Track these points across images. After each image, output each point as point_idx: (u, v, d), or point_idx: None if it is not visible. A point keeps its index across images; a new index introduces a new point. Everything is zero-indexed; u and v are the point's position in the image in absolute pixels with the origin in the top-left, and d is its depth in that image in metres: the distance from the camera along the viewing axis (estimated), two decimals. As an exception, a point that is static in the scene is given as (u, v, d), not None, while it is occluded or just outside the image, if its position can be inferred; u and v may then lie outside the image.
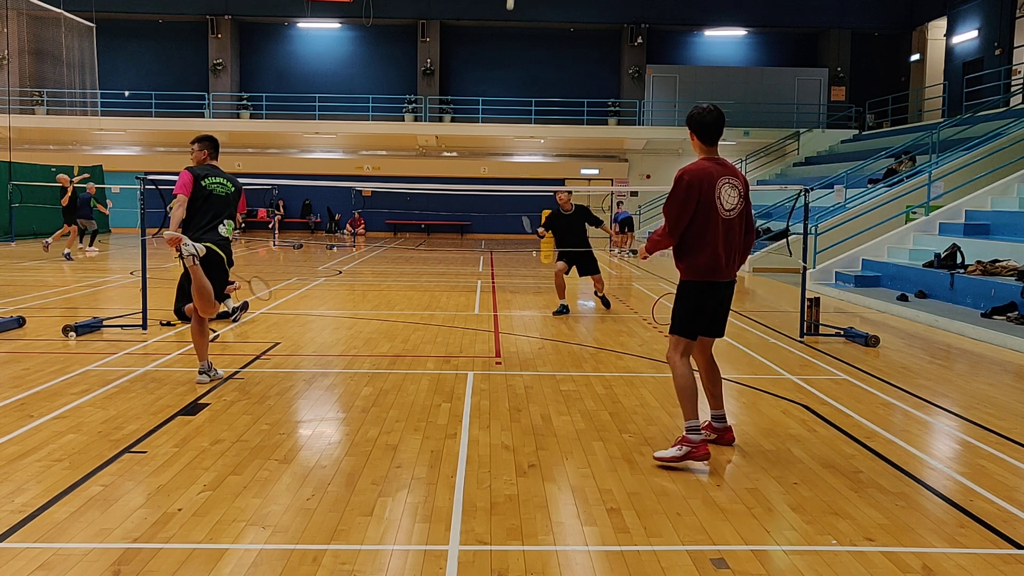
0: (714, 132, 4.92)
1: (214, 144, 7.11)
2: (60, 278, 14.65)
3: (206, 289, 6.51)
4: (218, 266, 6.68)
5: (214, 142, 7.12)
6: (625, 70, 32.78)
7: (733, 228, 4.92)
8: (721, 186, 4.83)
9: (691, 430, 4.82)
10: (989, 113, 20.46)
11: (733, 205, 4.89)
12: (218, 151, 7.14)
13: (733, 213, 4.89)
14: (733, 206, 4.89)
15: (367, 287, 14.35)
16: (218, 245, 6.69)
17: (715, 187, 4.81)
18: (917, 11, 31.72)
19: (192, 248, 6.38)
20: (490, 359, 8.10)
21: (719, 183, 4.83)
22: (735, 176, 4.94)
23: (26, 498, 4.24)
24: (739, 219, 4.94)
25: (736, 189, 4.90)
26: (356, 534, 3.89)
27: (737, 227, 4.94)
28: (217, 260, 6.67)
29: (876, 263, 14.69)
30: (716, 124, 4.91)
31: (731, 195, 4.87)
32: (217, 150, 7.12)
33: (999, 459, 5.18)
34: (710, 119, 4.90)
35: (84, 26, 24.67)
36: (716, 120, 4.91)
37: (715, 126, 4.91)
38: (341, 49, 33.75)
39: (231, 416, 5.84)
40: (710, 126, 4.91)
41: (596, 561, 3.67)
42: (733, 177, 4.92)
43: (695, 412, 4.87)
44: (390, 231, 32.53)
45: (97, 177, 29.17)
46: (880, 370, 7.86)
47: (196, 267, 6.44)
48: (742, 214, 4.96)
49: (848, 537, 3.95)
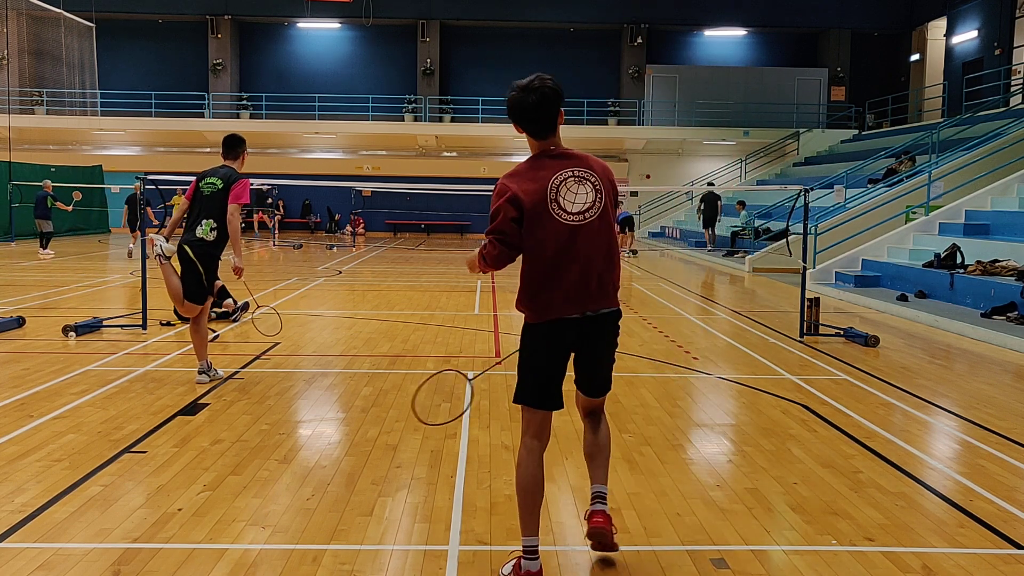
0: (541, 117, 3.46)
1: (225, 143, 6.99)
2: (60, 278, 14.64)
3: (171, 288, 6.70)
4: (189, 266, 6.65)
5: (226, 140, 7.01)
6: (625, 70, 32.77)
7: (591, 237, 3.45)
8: (558, 185, 3.43)
9: (527, 553, 3.41)
10: (989, 113, 20.46)
11: (584, 204, 3.44)
12: (228, 149, 6.95)
13: (588, 216, 3.44)
14: (585, 206, 3.44)
15: (367, 287, 14.35)
16: (192, 245, 6.65)
17: (547, 188, 3.42)
18: (917, 11, 31.72)
19: (159, 248, 6.61)
20: (490, 359, 8.10)
21: (553, 181, 3.43)
22: (587, 167, 3.50)
23: (26, 498, 4.24)
24: (600, 223, 3.47)
25: (586, 183, 3.46)
26: (356, 534, 3.89)
27: (598, 235, 3.46)
28: (186, 259, 6.66)
29: (876, 263, 14.69)
30: (541, 107, 3.44)
31: (578, 192, 3.44)
32: (229, 148, 6.95)
33: (999, 459, 5.18)
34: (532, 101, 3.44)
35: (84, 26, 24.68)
36: (541, 102, 3.44)
37: (541, 109, 3.45)
38: (341, 49, 33.75)
39: (231, 416, 5.84)
40: (528, 109, 3.46)
41: (596, 561, 3.67)
42: (583, 169, 3.49)
43: (533, 527, 3.43)
44: (390, 231, 32.52)
45: (97, 177, 29.21)
46: (880, 370, 7.86)
47: (163, 266, 6.66)
48: (604, 216, 3.49)
49: (848, 537, 3.95)
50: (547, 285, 3.45)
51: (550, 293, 3.45)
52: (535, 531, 3.42)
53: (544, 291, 3.46)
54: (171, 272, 6.65)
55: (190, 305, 6.71)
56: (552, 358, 3.55)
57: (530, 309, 3.54)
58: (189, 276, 6.66)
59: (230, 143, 6.98)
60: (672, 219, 30.77)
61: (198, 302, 6.74)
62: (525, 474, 3.47)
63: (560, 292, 3.44)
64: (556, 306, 3.46)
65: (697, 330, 10.15)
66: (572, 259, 3.42)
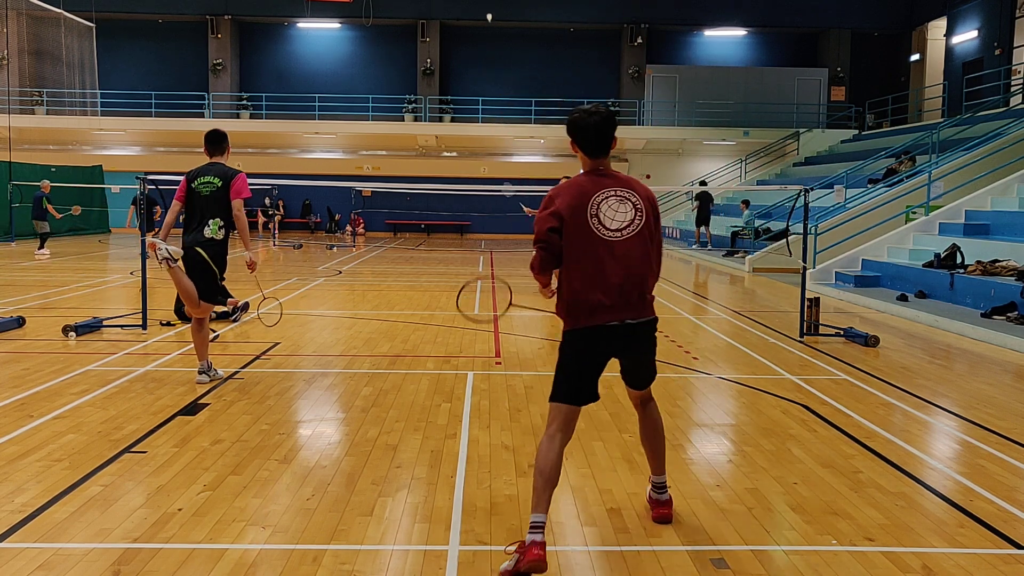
0: (595, 140, 3.82)
1: (208, 139, 6.84)
2: (60, 278, 14.64)
3: (186, 291, 6.60)
4: (203, 267, 6.64)
5: (208, 137, 6.86)
6: (625, 70, 32.77)
7: (629, 252, 3.75)
8: (599, 202, 3.74)
9: (533, 527, 3.53)
10: (989, 113, 20.45)
11: (623, 223, 3.74)
12: (215, 145, 6.79)
13: (627, 232, 3.74)
14: (625, 223, 3.75)
15: (367, 287, 14.35)
16: (203, 246, 6.63)
17: (588, 204, 3.73)
18: (917, 11, 31.72)
19: (165, 252, 6.44)
20: (490, 359, 8.10)
21: (595, 199, 3.74)
22: (626, 186, 3.83)
23: (26, 498, 4.24)
24: (639, 240, 3.77)
25: (627, 202, 3.78)
26: (356, 534, 3.89)
27: (636, 249, 3.77)
28: (200, 261, 6.63)
29: (876, 263, 14.69)
30: (599, 129, 3.82)
31: (619, 210, 3.75)
32: (214, 144, 6.79)
33: (999, 459, 5.18)
34: (593, 123, 3.81)
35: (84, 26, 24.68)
36: (601, 125, 3.81)
37: (597, 132, 3.82)
38: (341, 49, 33.75)
39: (231, 416, 5.84)
40: (590, 130, 3.83)
41: (596, 561, 3.67)
42: (624, 188, 3.81)
43: (542, 504, 3.60)
44: (390, 231, 32.52)
45: (97, 177, 29.21)
46: (880, 370, 7.86)
47: (172, 269, 6.53)
48: (643, 233, 3.79)
49: (848, 537, 3.95)
50: (585, 294, 3.73)
51: (588, 302, 3.73)
52: (544, 510, 3.60)
53: (582, 300, 3.73)
54: (182, 275, 6.55)
55: (205, 305, 6.71)
56: (586, 362, 3.80)
57: (568, 315, 3.80)
58: (204, 277, 6.63)
59: (216, 139, 6.84)
60: (672, 219, 30.76)
61: (214, 301, 6.76)
62: (545, 459, 3.66)
63: (597, 301, 3.72)
64: (594, 314, 3.73)
65: (697, 330, 10.15)
66: (610, 272, 3.72)
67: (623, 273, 3.73)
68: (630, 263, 3.75)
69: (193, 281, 6.59)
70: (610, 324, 3.74)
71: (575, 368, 3.78)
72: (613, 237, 3.73)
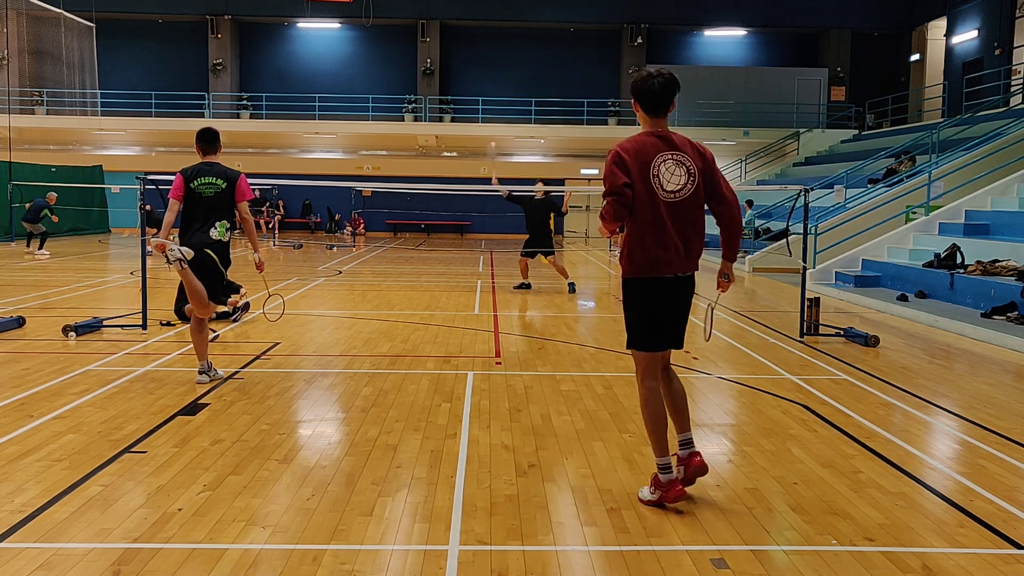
0: (661, 100, 4.16)
1: (203, 138, 6.78)
2: (60, 278, 14.64)
3: (197, 292, 6.53)
4: (211, 268, 6.63)
5: (203, 136, 6.79)
6: (625, 70, 32.76)
7: (682, 213, 4.13)
8: (659, 164, 4.09)
9: (662, 468, 4.17)
10: (989, 113, 20.45)
11: (678, 185, 4.10)
12: (211, 144, 6.75)
13: (681, 195, 4.11)
14: (679, 187, 4.10)
15: (367, 287, 14.35)
16: (211, 247, 6.63)
17: (650, 164, 4.08)
18: (917, 11, 31.72)
19: (178, 253, 6.36)
20: (490, 359, 8.10)
21: (656, 160, 4.09)
22: (685, 152, 4.15)
23: (26, 498, 4.24)
24: (691, 202, 4.14)
25: (683, 166, 4.12)
26: (356, 534, 3.89)
27: (689, 211, 4.14)
28: (209, 262, 6.62)
29: (876, 263, 14.69)
30: (663, 91, 4.14)
31: (675, 173, 4.10)
32: (209, 143, 6.75)
33: (999, 459, 5.18)
34: (656, 85, 4.13)
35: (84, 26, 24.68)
36: (664, 87, 4.14)
37: (662, 93, 4.14)
38: (341, 49, 33.75)
39: (231, 416, 5.84)
40: (657, 93, 4.15)
41: (596, 561, 3.67)
42: (681, 154, 4.14)
43: (664, 448, 4.19)
44: (390, 231, 32.52)
45: (97, 177, 29.21)
46: (880, 370, 7.86)
47: (184, 271, 6.44)
48: (696, 196, 4.15)
49: (848, 537, 3.95)
50: (647, 248, 4.12)
51: (649, 255, 4.12)
52: (667, 452, 4.20)
53: (645, 252, 4.13)
54: (193, 276, 6.48)
55: (212, 305, 6.71)
56: (652, 308, 4.22)
57: (634, 266, 4.19)
58: (211, 277, 6.62)
59: (211, 137, 6.79)
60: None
61: (219, 301, 6.79)
62: (655, 409, 4.20)
63: (657, 256, 4.12)
64: (655, 267, 4.14)
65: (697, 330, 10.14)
66: (669, 229, 4.11)
67: (678, 231, 4.12)
68: (684, 223, 4.13)
69: (202, 281, 6.57)
70: (667, 277, 4.16)
71: (645, 316, 4.22)
72: (669, 198, 4.10)
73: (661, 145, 4.14)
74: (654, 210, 4.08)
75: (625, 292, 4.30)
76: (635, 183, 4.06)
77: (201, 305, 6.61)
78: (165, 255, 6.38)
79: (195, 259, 6.53)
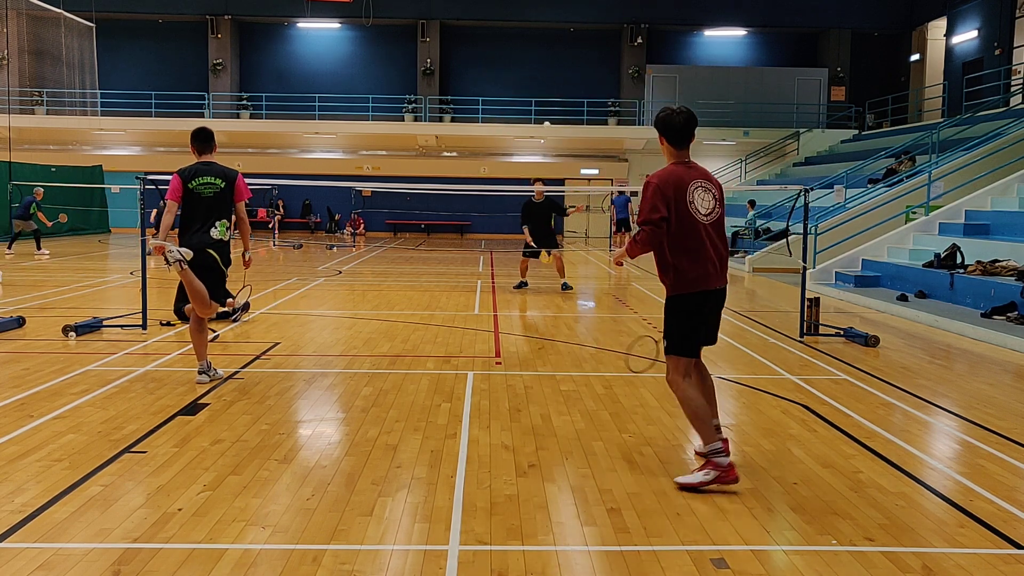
0: (684, 135, 4.69)
1: (198, 138, 6.76)
2: (60, 278, 14.64)
3: (198, 292, 6.52)
4: (212, 268, 6.63)
5: (199, 136, 6.77)
6: (625, 70, 32.77)
7: (714, 232, 4.69)
8: (693, 190, 4.62)
9: (715, 453, 4.53)
10: (989, 113, 20.45)
11: (709, 209, 4.66)
12: (206, 143, 6.74)
13: (711, 217, 4.67)
14: (709, 210, 4.66)
15: (367, 287, 14.35)
16: (212, 247, 6.63)
17: (686, 191, 4.59)
18: (917, 11, 31.72)
19: (177, 254, 6.33)
20: (490, 359, 8.10)
21: (690, 187, 4.62)
22: (708, 180, 4.74)
23: (26, 498, 4.24)
24: (718, 224, 4.72)
25: (710, 192, 4.70)
26: (356, 534, 3.89)
27: (716, 232, 4.70)
28: (211, 262, 6.62)
29: (876, 263, 14.69)
30: (687, 126, 4.69)
31: (705, 199, 4.66)
32: (205, 143, 6.73)
33: (999, 459, 5.18)
34: (680, 121, 4.67)
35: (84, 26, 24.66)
36: (687, 122, 4.68)
37: (686, 128, 4.69)
38: (341, 49, 33.75)
39: (231, 416, 5.84)
40: (680, 129, 4.68)
41: (596, 561, 3.67)
42: (706, 181, 4.72)
43: (713, 434, 4.58)
44: (390, 231, 32.52)
45: (97, 177, 29.21)
46: (880, 370, 7.86)
47: (184, 271, 6.42)
48: (721, 217, 4.74)
49: (848, 537, 3.95)
50: (694, 265, 4.60)
51: (696, 272, 4.61)
52: (715, 438, 4.58)
53: (692, 270, 4.60)
54: (194, 276, 6.47)
55: (214, 305, 6.70)
56: (696, 320, 4.69)
57: (682, 283, 4.64)
58: (212, 277, 6.62)
59: (207, 137, 6.77)
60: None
61: (221, 301, 6.77)
62: (697, 405, 4.65)
63: (704, 272, 4.62)
64: (701, 281, 4.62)
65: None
66: (709, 247, 4.64)
67: (714, 248, 4.65)
68: (716, 241, 4.68)
69: (202, 282, 6.56)
70: (711, 289, 4.66)
71: (689, 326, 4.68)
72: (704, 220, 4.64)
73: (691, 174, 4.69)
74: (695, 231, 4.59)
75: (674, 305, 4.70)
76: (675, 210, 4.55)
77: (203, 305, 6.61)
78: (164, 257, 6.38)
79: (196, 259, 6.52)
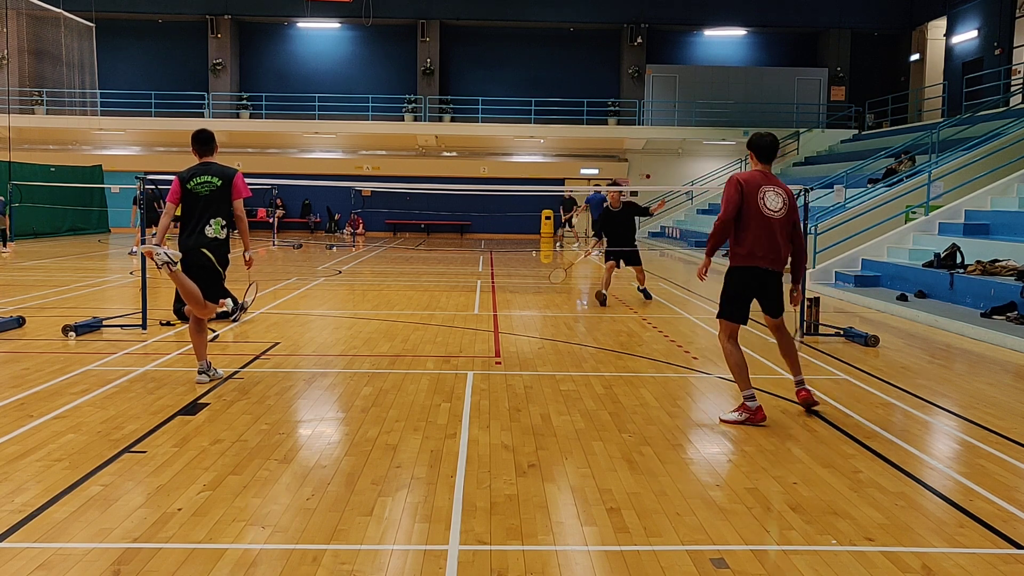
0: (768, 153, 6.07)
1: (198, 140, 6.78)
2: (60, 278, 14.64)
3: (191, 293, 6.52)
4: (206, 267, 6.62)
5: (199, 137, 6.80)
6: (625, 70, 32.76)
7: (775, 227, 5.90)
8: (765, 191, 5.92)
9: (748, 399, 5.86)
10: (989, 113, 20.45)
11: (777, 208, 5.93)
12: (206, 145, 6.76)
13: (777, 214, 5.92)
14: (777, 208, 5.93)
15: (367, 287, 14.35)
16: (207, 247, 6.62)
17: (758, 190, 5.90)
18: (917, 11, 31.71)
19: (165, 256, 6.33)
20: (490, 359, 8.10)
21: (763, 188, 5.93)
22: (780, 187, 6.02)
23: (26, 498, 4.24)
24: (784, 221, 5.95)
25: (780, 196, 5.98)
26: (356, 534, 3.89)
27: (781, 227, 5.93)
28: (204, 261, 6.60)
29: (876, 263, 14.68)
30: (771, 147, 6.08)
31: (775, 200, 5.95)
32: (205, 144, 6.76)
33: (999, 459, 5.18)
34: (766, 142, 6.09)
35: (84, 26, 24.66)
36: (771, 144, 6.09)
37: (770, 149, 6.08)
38: (341, 49, 33.74)
39: (231, 416, 5.84)
40: (766, 148, 6.08)
41: (596, 561, 3.67)
42: (778, 187, 6.01)
43: (747, 384, 5.89)
44: (390, 231, 32.51)
45: (97, 177, 29.20)
46: (880, 370, 7.86)
47: (174, 273, 6.42)
48: (788, 218, 5.98)
49: (848, 537, 3.95)
50: (751, 246, 5.89)
51: (752, 251, 5.89)
52: (749, 386, 5.93)
53: (749, 248, 5.89)
54: (184, 277, 6.48)
55: (211, 306, 6.69)
56: (744, 290, 6.04)
57: (735, 258, 5.97)
58: (208, 278, 6.61)
59: (207, 139, 6.79)
60: (672, 219, 30.76)
61: (217, 301, 6.74)
62: (737, 360, 5.99)
63: (757, 251, 5.88)
64: (750, 258, 5.91)
65: (697, 330, 10.15)
66: (767, 235, 5.88)
67: (773, 238, 5.89)
68: (779, 234, 5.92)
69: (196, 282, 6.55)
70: (760, 267, 5.91)
71: (733, 293, 6.04)
72: (770, 215, 5.90)
73: (767, 179, 6.02)
74: (760, 220, 5.86)
75: (727, 276, 6.06)
76: (746, 203, 5.86)
77: (198, 306, 6.61)
78: (154, 260, 6.39)
79: (191, 260, 6.53)
